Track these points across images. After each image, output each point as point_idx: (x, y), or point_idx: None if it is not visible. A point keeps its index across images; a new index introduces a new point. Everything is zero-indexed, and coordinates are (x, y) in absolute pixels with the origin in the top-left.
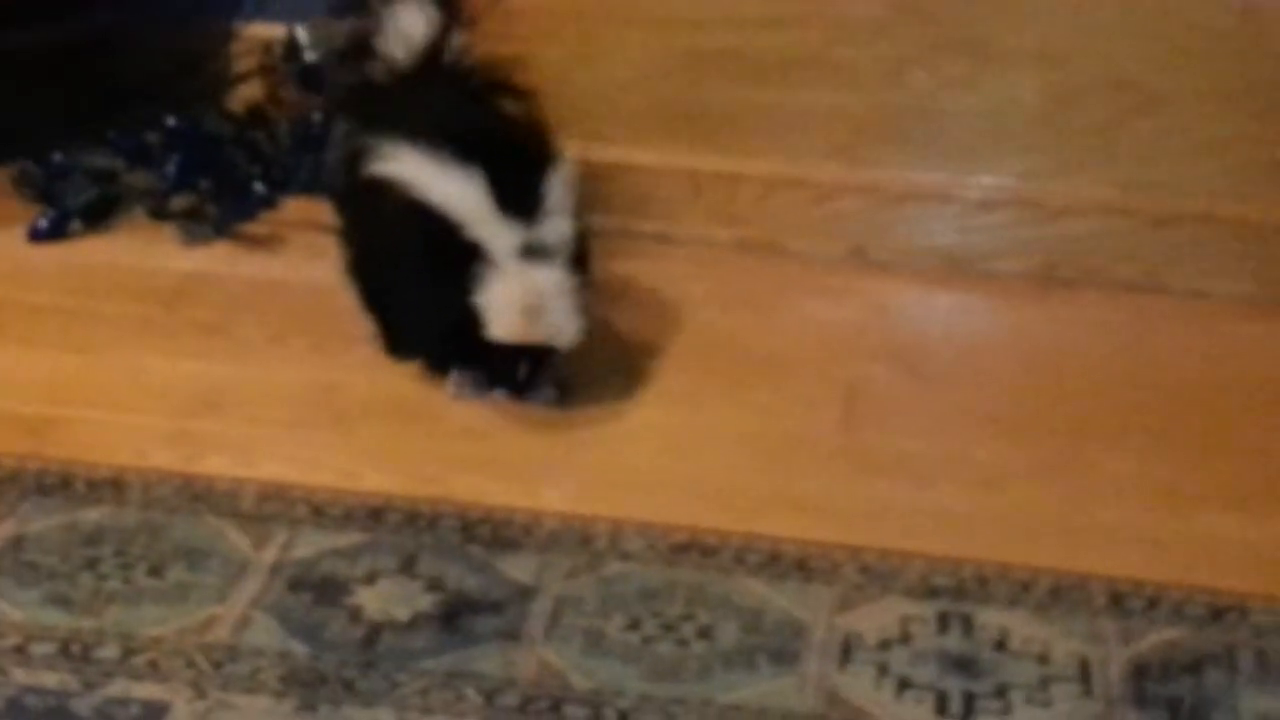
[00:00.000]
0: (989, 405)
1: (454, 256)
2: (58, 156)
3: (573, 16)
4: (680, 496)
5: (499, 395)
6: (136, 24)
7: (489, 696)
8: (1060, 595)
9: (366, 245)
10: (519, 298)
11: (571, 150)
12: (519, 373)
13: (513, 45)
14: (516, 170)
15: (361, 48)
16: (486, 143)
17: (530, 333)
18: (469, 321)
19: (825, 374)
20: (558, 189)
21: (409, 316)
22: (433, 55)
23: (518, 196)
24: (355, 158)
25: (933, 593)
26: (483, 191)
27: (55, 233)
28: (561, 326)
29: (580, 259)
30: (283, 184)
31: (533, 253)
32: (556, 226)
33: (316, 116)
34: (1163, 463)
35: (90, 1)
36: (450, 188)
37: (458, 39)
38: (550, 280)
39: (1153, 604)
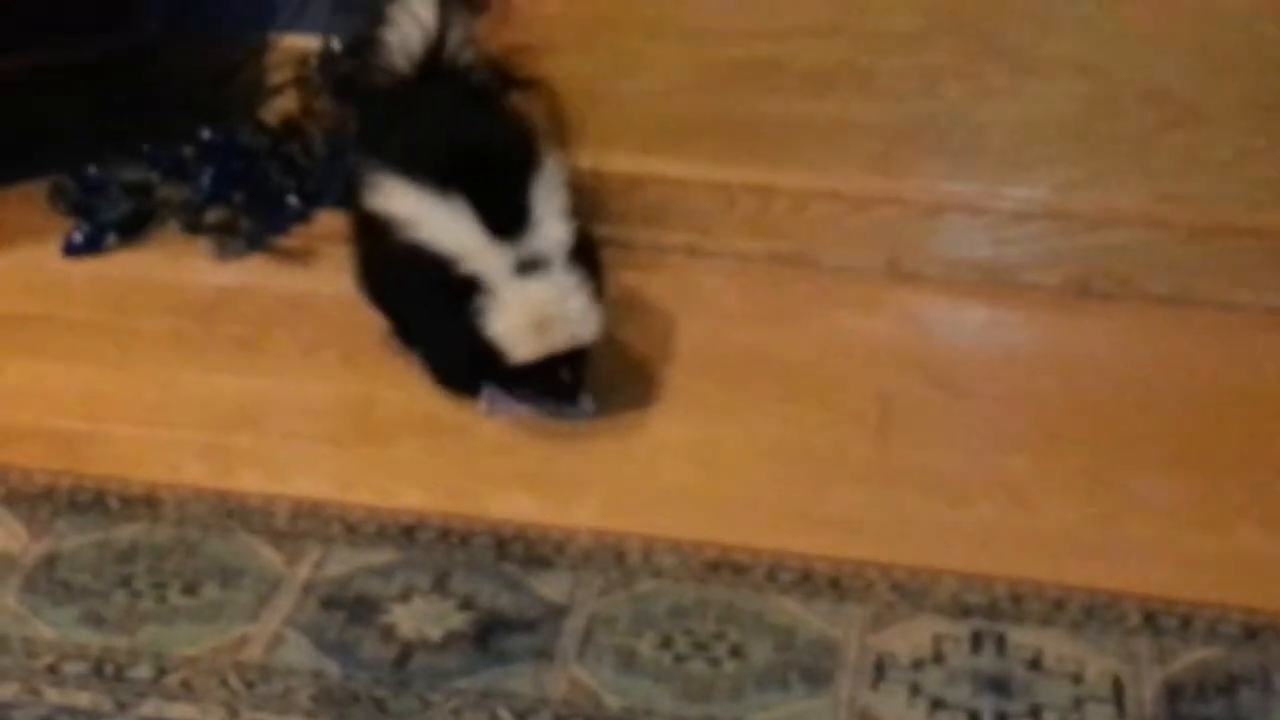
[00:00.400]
0: (1023, 419)
1: (456, 295)
2: (92, 170)
3: (606, 27)
4: (712, 513)
5: (530, 409)
6: (172, 37)
7: (521, 716)
8: (1094, 614)
9: (377, 275)
10: (524, 316)
11: (609, 161)
12: (563, 378)
13: (546, 56)
14: (500, 188)
15: (367, 54)
16: (467, 166)
17: (550, 344)
18: (493, 355)
19: (858, 387)
20: (545, 195)
21: (429, 346)
22: (433, 56)
23: (505, 215)
24: (356, 184)
25: (966, 611)
26: (470, 221)
27: (90, 247)
28: (578, 325)
29: (581, 253)
30: (317, 197)
31: (527, 267)
32: (548, 232)
33: (351, 129)
34: (1197, 478)
35: (125, 15)
36: (438, 224)
37: (459, 36)
38: (547, 288)
39: (1186, 623)
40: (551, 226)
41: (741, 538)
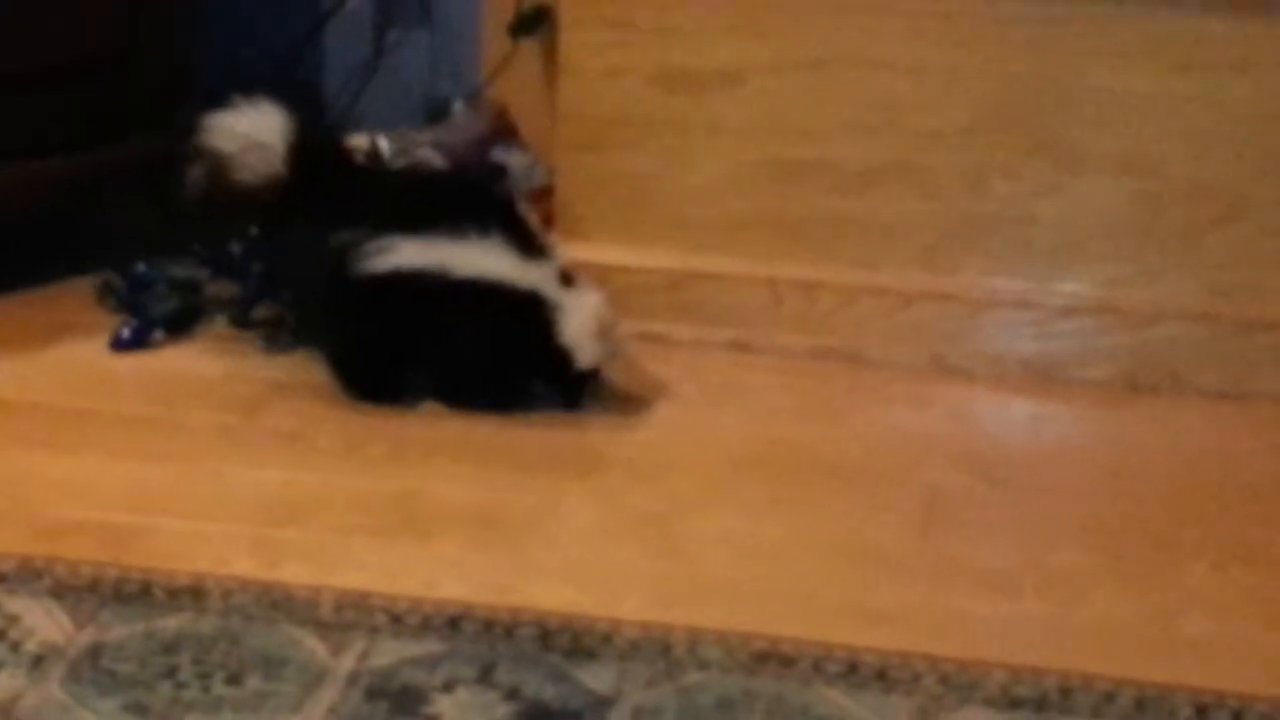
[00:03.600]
0: (1071, 514)
1: (526, 314)
2: (141, 267)
3: (655, 126)
4: (759, 605)
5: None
6: None
7: None
8: (1145, 707)
9: (395, 331)
10: (592, 323)
11: (656, 258)
12: (588, 384)
13: (593, 154)
14: (512, 222)
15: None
16: (475, 208)
17: (607, 352)
18: (558, 362)
19: (905, 482)
20: (534, 224)
21: (477, 380)
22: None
23: (526, 242)
24: (341, 257)
25: (1014, 704)
26: (508, 249)
27: (137, 342)
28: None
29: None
30: None
31: (565, 281)
32: (557, 254)
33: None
34: (1249, 572)
35: (172, 114)
36: (485, 258)
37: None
38: (597, 298)
39: (1238, 716)
40: (555, 249)
41: (788, 630)
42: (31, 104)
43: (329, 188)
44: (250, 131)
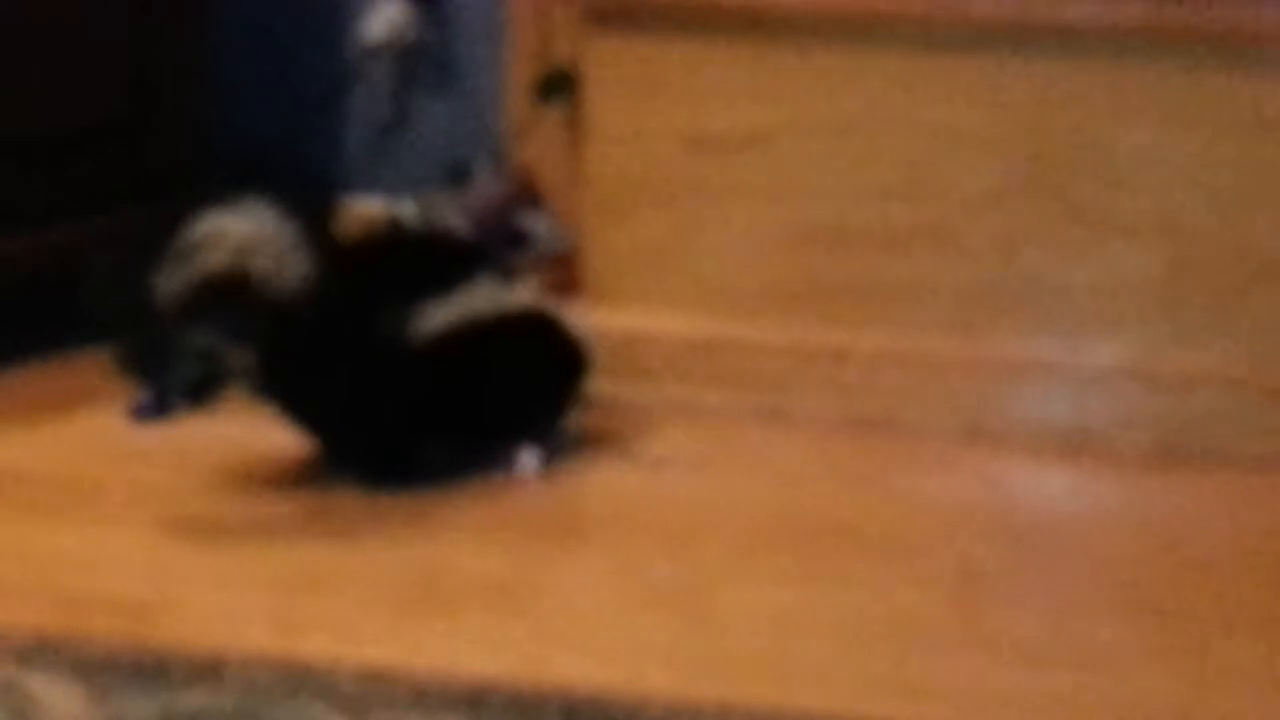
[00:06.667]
0: (1107, 585)
1: (544, 325)
2: (161, 335)
3: (681, 189)
4: (789, 678)
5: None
6: (238, 198)
7: None
8: None
9: (477, 377)
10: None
11: (683, 323)
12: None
13: (617, 217)
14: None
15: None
16: (458, 259)
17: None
18: (573, 356)
19: (937, 552)
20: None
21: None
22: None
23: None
24: (398, 325)
25: None
26: (507, 284)
27: (157, 411)
28: None
29: None
30: None
31: None
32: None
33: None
34: None
35: (189, 178)
36: (504, 295)
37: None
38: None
39: None
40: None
41: (819, 703)
42: (41, 171)
43: (345, 273)
44: (258, 241)
